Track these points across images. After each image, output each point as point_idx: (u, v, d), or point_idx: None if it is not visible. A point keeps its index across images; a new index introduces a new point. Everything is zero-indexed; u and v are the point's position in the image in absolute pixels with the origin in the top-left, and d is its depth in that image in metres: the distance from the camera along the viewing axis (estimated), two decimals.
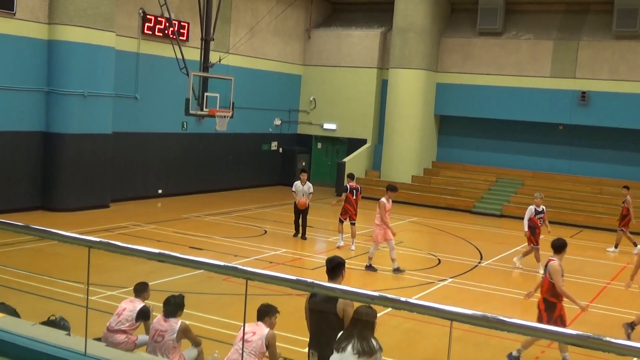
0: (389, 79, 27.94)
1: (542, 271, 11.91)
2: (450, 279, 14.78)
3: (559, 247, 9.69)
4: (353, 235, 17.18)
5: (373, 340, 5.64)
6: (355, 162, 28.48)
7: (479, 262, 16.76)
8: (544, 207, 15.99)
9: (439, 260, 16.68)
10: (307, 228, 18.17)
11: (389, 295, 4.21)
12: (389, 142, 27.90)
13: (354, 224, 17.30)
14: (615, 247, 19.30)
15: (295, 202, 17.95)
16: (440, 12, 28.13)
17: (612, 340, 3.23)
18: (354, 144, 29.42)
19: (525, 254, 16.24)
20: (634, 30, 24.92)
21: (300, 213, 17.98)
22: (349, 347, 5.57)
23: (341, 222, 17.51)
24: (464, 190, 26.69)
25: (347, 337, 5.67)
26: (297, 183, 18.00)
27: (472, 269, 16.01)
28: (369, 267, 15.03)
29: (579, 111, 25.78)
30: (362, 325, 5.69)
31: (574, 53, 25.95)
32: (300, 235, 18.11)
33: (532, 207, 15.94)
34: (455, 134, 29.06)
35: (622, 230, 19.19)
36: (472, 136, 28.65)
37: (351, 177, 18.11)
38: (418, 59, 27.27)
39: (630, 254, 18.29)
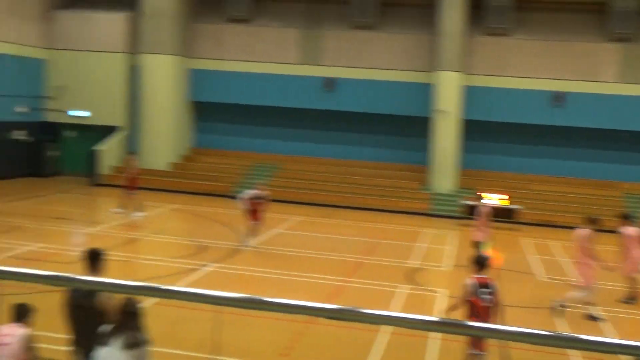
0: (140, 64, 27.34)
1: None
2: (213, 264, 14.97)
3: None
4: None
5: (138, 333, 5.60)
6: (111, 150, 27.55)
7: (242, 245, 17.06)
8: (267, 194, 17.52)
9: (201, 246, 16.79)
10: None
11: (150, 285, 4.22)
12: (145, 129, 27.37)
13: None
14: (127, 210, 20.27)
15: None
16: None
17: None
18: (108, 131, 28.37)
19: (250, 234, 17.13)
20: (367, 21, 26.81)
21: None
22: (114, 341, 5.49)
23: None
24: (223, 175, 26.99)
25: (111, 330, 5.58)
26: None
27: (232, 253, 16.32)
28: (592, 317, 12.34)
29: (325, 96, 27.26)
30: (126, 317, 5.63)
31: (320, 41, 27.31)
32: None
33: (249, 192, 17.32)
34: (213, 120, 29.22)
35: (130, 193, 20.44)
36: (230, 122, 29.01)
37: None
38: (169, 44, 26.96)
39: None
